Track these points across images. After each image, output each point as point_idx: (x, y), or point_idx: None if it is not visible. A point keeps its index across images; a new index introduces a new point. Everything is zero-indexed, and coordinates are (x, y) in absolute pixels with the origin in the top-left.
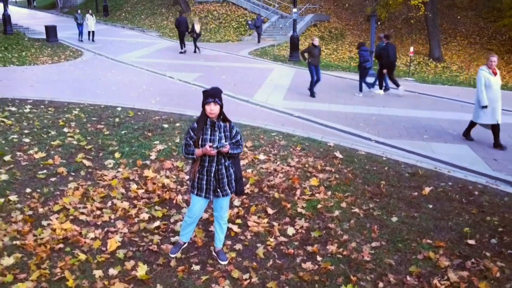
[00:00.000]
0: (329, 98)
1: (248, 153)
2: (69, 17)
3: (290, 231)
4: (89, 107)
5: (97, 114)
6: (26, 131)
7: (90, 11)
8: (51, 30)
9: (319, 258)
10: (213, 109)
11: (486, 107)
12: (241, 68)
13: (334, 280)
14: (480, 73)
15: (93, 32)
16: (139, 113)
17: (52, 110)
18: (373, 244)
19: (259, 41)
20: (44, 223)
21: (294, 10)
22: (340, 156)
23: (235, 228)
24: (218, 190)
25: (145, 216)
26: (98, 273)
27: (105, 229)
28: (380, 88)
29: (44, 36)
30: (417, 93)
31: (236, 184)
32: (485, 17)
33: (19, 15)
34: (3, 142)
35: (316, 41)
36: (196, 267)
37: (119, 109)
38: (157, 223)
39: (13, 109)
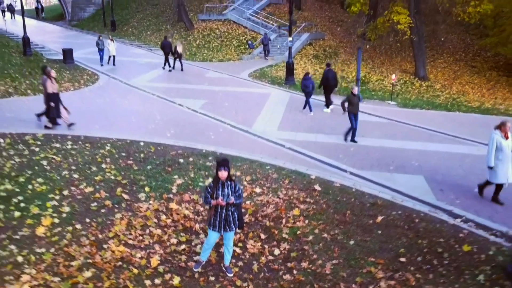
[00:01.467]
0: (317, 127)
1: (248, 186)
2: (78, 31)
3: (276, 252)
4: (117, 142)
5: (125, 149)
6: (73, 167)
7: (110, 37)
8: (68, 53)
9: (295, 272)
10: (223, 174)
11: (492, 168)
12: (242, 93)
13: None
14: (493, 136)
15: (114, 56)
16: (159, 148)
17: (89, 146)
18: (333, 262)
19: (266, 57)
20: (105, 246)
21: (290, 39)
22: (319, 188)
23: (237, 250)
24: (227, 227)
25: (174, 240)
26: (147, 282)
27: (148, 251)
28: (327, 107)
29: (60, 57)
30: (394, 121)
31: (238, 222)
32: (472, 33)
33: (31, 29)
34: (59, 178)
35: (355, 90)
36: (212, 278)
37: (142, 144)
38: (183, 246)
39: (57, 145)
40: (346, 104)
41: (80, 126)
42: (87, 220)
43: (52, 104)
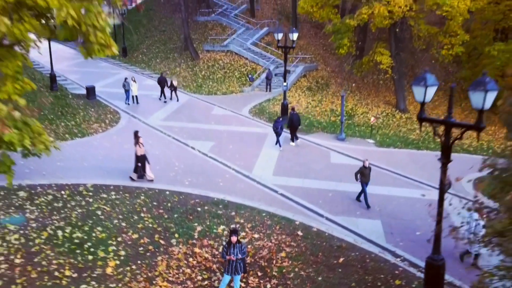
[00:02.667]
0: (304, 172)
1: (249, 233)
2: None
3: (268, 285)
4: (148, 192)
5: (156, 198)
6: (120, 217)
7: (133, 78)
8: (91, 90)
9: None
10: (233, 239)
11: None
12: (243, 134)
13: None
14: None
15: (136, 96)
16: (181, 197)
17: (128, 196)
18: None
19: (270, 90)
20: (154, 282)
21: (284, 84)
22: (301, 234)
23: (243, 284)
24: (236, 272)
25: (199, 277)
26: None
27: (183, 285)
28: (293, 141)
29: (83, 91)
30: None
31: (243, 269)
32: (454, 61)
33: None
34: (112, 226)
35: (367, 163)
36: None
37: (167, 193)
38: (206, 282)
39: (104, 195)
40: (359, 176)
41: (118, 174)
42: (138, 261)
43: (139, 164)
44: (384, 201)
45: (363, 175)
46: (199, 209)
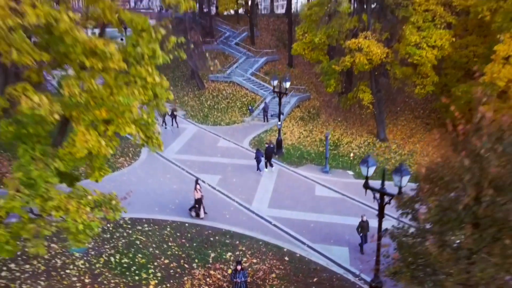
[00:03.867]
0: (292, 205)
1: (249, 258)
2: None
3: None
4: (172, 224)
5: (178, 230)
6: (154, 245)
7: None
8: None
9: None
10: (238, 267)
11: None
12: (244, 167)
13: None
14: None
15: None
16: (197, 228)
17: (157, 228)
18: None
19: (267, 121)
20: None
21: (279, 122)
22: (287, 258)
23: None
24: None
25: None
26: None
27: None
28: (266, 167)
29: None
30: (346, 197)
31: (245, 287)
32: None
33: None
34: (148, 253)
35: (364, 218)
36: None
37: (187, 225)
38: None
39: (139, 227)
40: (359, 229)
41: (147, 208)
42: (171, 281)
43: (196, 205)
44: (353, 231)
45: (362, 228)
46: (211, 238)
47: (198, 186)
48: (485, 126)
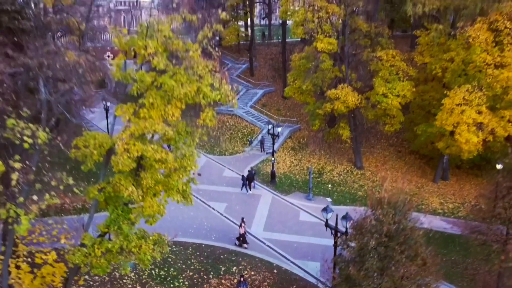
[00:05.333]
0: (281, 228)
1: (249, 272)
2: None
3: None
4: (193, 245)
5: (198, 250)
6: (181, 261)
7: None
8: None
9: None
10: (241, 279)
11: None
12: (245, 195)
13: None
14: None
15: None
16: (211, 249)
17: (182, 248)
18: None
19: (264, 151)
20: None
21: (272, 158)
22: (276, 271)
23: None
24: None
25: None
26: None
27: None
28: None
29: None
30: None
31: None
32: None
33: None
34: (178, 267)
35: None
36: None
37: (203, 246)
38: None
39: (169, 248)
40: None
41: (173, 232)
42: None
43: (241, 238)
44: (325, 249)
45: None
46: (222, 256)
47: (243, 224)
48: (384, 200)
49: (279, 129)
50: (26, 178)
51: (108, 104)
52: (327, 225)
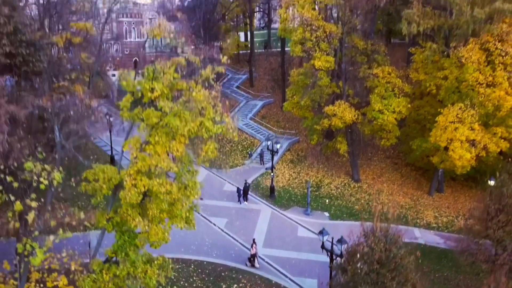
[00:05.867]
0: (280, 244)
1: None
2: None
3: None
4: (195, 262)
5: (199, 267)
6: (183, 279)
7: None
8: None
9: None
10: None
11: None
12: (245, 210)
13: None
14: None
15: None
16: (212, 266)
17: (184, 265)
18: None
19: (263, 164)
20: None
21: (272, 173)
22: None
23: None
24: None
25: None
26: None
27: None
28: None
29: None
30: (316, 237)
31: None
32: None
33: None
34: (180, 285)
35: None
36: None
37: (205, 263)
38: None
39: (177, 266)
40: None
41: (175, 249)
42: None
43: (252, 258)
44: (320, 266)
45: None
46: (222, 274)
47: (254, 245)
48: (376, 229)
49: (278, 146)
50: (41, 217)
51: (111, 119)
52: (323, 247)
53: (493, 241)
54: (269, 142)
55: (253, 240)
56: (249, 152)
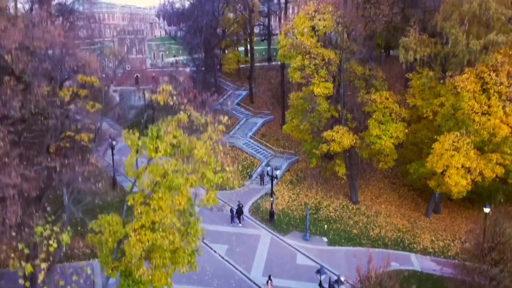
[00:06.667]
0: (279, 273)
1: None
2: None
3: None
4: None
5: None
6: None
7: None
8: None
9: None
10: None
11: None
12: (245, 236)
13: None
14: None
15: None
16: None
17: None
18: None
19: (263, 184)
20: None
21: (271, 199)
22: None
23: None
24: None
25: None
26: None
27: None
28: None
29: None
30: (317, 263)
31: None
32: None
33: None
34: None
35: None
36: None
37: None
38: None
39: None
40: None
41: (179, 279)
42: None
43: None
44: None
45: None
46: None
47: (270, 282)
48: (371, 277)
49: (278, 172)
50: (51, 278)
51: (114, 143)
52: (321, 285)
53: (486, 278)
54: (268, 168)
55: (269, 277)
56: (249, 173)
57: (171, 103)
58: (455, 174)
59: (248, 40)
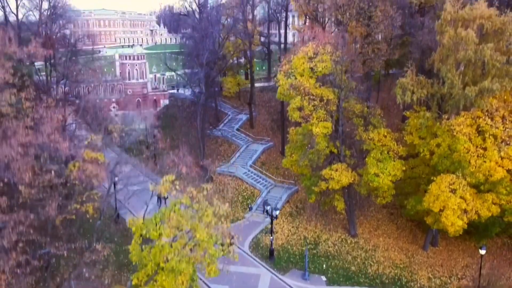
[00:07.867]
0: None
1: None
2: (131, 159)
3: None
4: None
5: None
6: None
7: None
8: None
9: None
10: None
11: None
12: (244, 275)
13: None
14: None
15: None
16: None
17: None
18: None
19: (264, 212)
20: None
21: (271, 237)
22: None
23: None
24: None
25: None
26: None
27: None
28: None
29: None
30: None
31: None
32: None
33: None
34: None
35: None
36: None
37: None
38: None
39: None
40: None
41: None
42: None
43: None
44: None
45: None
46: None
47: None
48: None
49: (277, 212)
50: None
51: (116, 179)
52: None
53: None
54: (268, 207)
55: None
56: (250, 206)
57: (174, 192)
58: (452, 214)
59: (248, 67)
